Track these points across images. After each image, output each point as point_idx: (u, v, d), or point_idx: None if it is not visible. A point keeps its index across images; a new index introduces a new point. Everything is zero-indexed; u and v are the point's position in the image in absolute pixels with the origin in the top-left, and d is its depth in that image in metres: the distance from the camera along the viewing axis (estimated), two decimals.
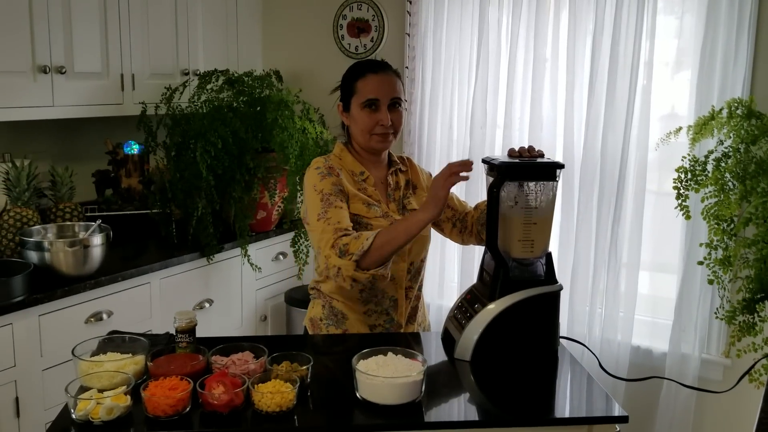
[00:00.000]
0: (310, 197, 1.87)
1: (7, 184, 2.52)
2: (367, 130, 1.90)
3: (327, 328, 1.98)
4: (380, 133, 1.89)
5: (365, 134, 1.91)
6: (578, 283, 2.77)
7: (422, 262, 2.01)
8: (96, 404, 1.37)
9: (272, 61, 3.57)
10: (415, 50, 3.15)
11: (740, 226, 1.83)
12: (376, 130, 1.89)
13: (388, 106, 1.88)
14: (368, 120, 1.89)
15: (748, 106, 2.02)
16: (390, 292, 1.93)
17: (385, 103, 1.88)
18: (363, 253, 1.70)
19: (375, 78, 1.89)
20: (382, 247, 1.71)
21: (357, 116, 1.91)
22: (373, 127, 1.89)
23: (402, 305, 1.96)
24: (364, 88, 1.89)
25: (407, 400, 1.45)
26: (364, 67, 1.93)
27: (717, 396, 2.34)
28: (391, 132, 1.91)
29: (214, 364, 1.55)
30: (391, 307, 1.95)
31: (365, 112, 1.89)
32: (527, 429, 1.48)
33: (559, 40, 2.76)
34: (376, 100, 1.88)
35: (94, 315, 2.43)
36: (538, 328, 1.76)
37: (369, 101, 1.88)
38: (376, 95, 1.87)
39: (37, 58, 2.51)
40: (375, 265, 1.72)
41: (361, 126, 1.90)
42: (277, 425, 1.40)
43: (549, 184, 1.73)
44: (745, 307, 1.81)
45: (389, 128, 1.89)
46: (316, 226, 1.82)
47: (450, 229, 2.06)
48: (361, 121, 1.90)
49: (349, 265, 1.71)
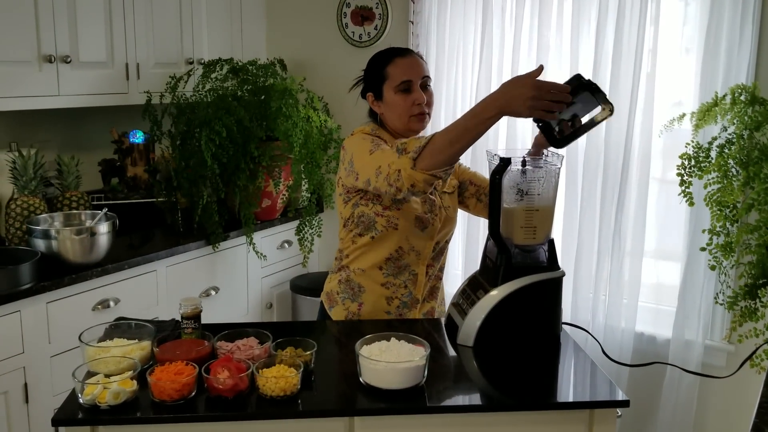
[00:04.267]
0: (358, 145, 1.85)
1: (14, 173, 2.54)
2: (405, 113, 1.92)
3: (343, 302, 2.02)
4: (417, 113, 1.92)
5: (404, 117, 1.93)
6: (582, 270, 2.77)
7: (447, 243, 2.06)
8: (103, 389, 1.39)
9: (276, 49, 3.57)
10: (419, 38, 3.14)
11: (743, 212, 1.83)
12: (414, 111, 1.92)
13: (421, 86, 1.92)
14: (404, 102, 1.92)
15: (751, 92, 2.02)
16: (413, 265, 1.98)
17: (417, 83, 1.92)
18: (420, 150, 1.64)
19: (404, 61, 1.93)
20: (443, 143, 1.61)
21: (392, 101, 1.93)
22: (410, 107, 1.92)
23: (421, 281, 2.00)
24: (395, 71, 1.92)
25: (410, 385, 1.47)
26: (391, 53, 1.97)
27: (720, 381, 2.35)
28: (427, 112, 1.95)
29: (219, 350, 1.57)
30: (410, 281, 1.99)
31: (400, 96, 1.92)
32: (529, 413, 1.49)
33: (563, 26, 2.76)
34: (410, 81, 1.91)
35: (101, 302, 2.45)
36: (541, 314, 1.77)
37: (403, 83, 1.91)
38: (409, 76, 1.91)
39: (43, 47, 2.52)
40: (434, 167, 1.63)
41: (399, 110, 1.92)
42: (281, 409, 1.42)
43: (552, 171, 1.74)
44: (747, 292, 1.81)
45: (426, 107, 1.93)
46: (368, 160, 1.78)
47: (474, 204, 2.10)
48: (397, 105, 1.92)
49: (406, 162, 1.65)
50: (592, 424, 1.49)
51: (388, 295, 2.00)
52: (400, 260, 1.97)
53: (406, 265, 1.98)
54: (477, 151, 2.96)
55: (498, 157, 1.72)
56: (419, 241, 1.96)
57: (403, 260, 1.97)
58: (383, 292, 1.99)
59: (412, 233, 1.95)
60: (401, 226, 1.93)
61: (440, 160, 1.62)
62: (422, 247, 1.98)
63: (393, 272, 1.98)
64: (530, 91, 1.50)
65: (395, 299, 2.00)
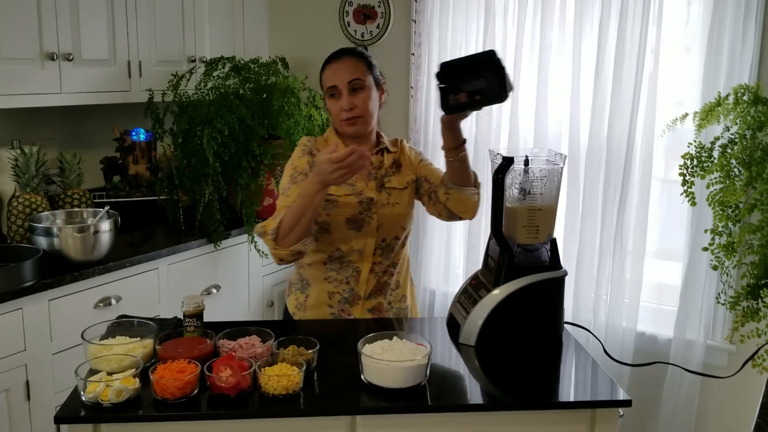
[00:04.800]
0: (285, 171, 2.01)
1: (16, 170, 2.54)
2: (336, 118, 1.98)
3: (295, 293, 2.09)
4: (345, 118, 1.95)
5: (337, 121, 1.99)
6: (583, 269, 2.77)
7: (396, 240, 2.03)
8: (105, 387, 1.39)
9: (278, 48, 3.57)
10: (421, 37, 3.14)
11: (745, 212, 1.83)
12: (342, 116, 1.95)
13: (349, 91, 1.93)
14: (333, 108, 1.97)
15: (754, 92, 2.01)
16: (356, 262, 1.99)
17: (344, 87, 1.93)
18: (275, 231, 1.82)
19: (331, 67, 1.97)
20: (289, 223, 1.80)
21: (328, 106, 2.00)
22: (339, 113, 1.95)
23: (364, 277, 2.00)
24: (325, 77, 1.97)
25: (412, 384, 1.47)
26: (328, 58, 2.01)
27: (721, 381, 2.36)
28: (357, 116, 1.94)
29: (221, 348, 1.57)
30: (353, 277, 2.00)
31: (330, 101, 1.97)
32: (532, 413, 1.49)
33: (565, 26, 2.75)
34: (335, 87, 1.94)
35: (103, 300, 2.45)
36: (543, 314, 1.77)
37: (329, 89, 1.96)
38: (333, 82, 1.94)
39: (45, 45, 2.52)
40: (292, 243, 1.81)
41: (333, 115, 1.99)
42: (283, 408, 1.42)
43: (554, 170, 1.74)
44: (749, 292, 1.81)
45: (351, 112, 1.93)
46: (278, 200, 1.96)
47: (427, 201, 2.08)
48: (330, 110, 2.00)
49: (269, 242, 1.84)
50: (594, 423, 1.49)
51: (330, 290, 2.02)
52: (343, 258, 1.99)
53: (350, 261, 1.99)
54: (479, 149, 2.96)
55: (501, 156, 1.72)
56: (357, 240, 1.97)
57: (346, 258, 1.99)
58: (326, 286, 2.02)
59: (347, 234, 1.96)
60: (332, 229, 1.96)
61: (294, 237, 1.81)
62: (362, 245, 1.97)
63: (336, 268, 2.00)
64: (329, 167, 1.70)
65: (336, 294, 2.01)
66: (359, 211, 1.96)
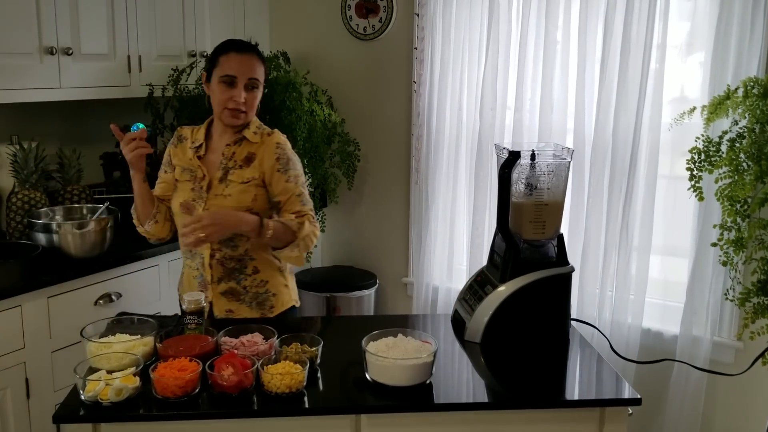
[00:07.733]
0: None
1: (15, 166, 2.52)
2: (220, 104, 1.98)
3: (180, 279, 2.19)
4: (232, 108, 1.97)
5: (219, 107, 2.00)
6: (588, 265, 2.75)
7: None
8: (105, 385, 1.37)
9: (280, 42, 3.54)
10: (424, 31, 3.11)
11: (755, 207, 1.80)
12: (229, 105, 1.97)
13: (245, 86, 1.97)
14: (222, 95, 1.97)
15: (764, 85, 1.98)
16: (201, 250, 2.04)
17: (242, 81, 1.96)
18: (133, 211, 2.10)
19: (237, 57, 1.98)
20: (135, 204, 2.07)
21: (214, 88, 2.00)
22: (227, 102, 1.97)
23: (206, 264, 2.04)
24: (225, 63, 1.98)
25: (417, 382, 1.45)
26: (231, 45, 2.02)
27: (728, 378, 2.33)
28: (244, 111, 1.99)
29: (223, 346, 1.54)
30: (200, 263, 2.06)
31: (221, 86, 1.97)
32: (539, 411, 1.47)
33: (570, 21, 2.72)
34: (234, 77, 1.96)
35: (103, 297, 2.43)
36: (549, 310, 1.75)
37: (227, 76, 1.96)
38: (235, 73, 1.96)
39: (44, 39, 2.49)
40: (139, 223, 2.11)
41: (217, 99, 1.99)
42: (286, 406, 1.40)
43: (561, 165, 1.71)
44: (759, 288, 1.78)
45: (242, 106, 1.97)
46: None
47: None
48: (216, 95, 1.99)
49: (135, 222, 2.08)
50: (603, 422, 1.47)
51: (191, 275, 2.09)
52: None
53: (197, 250, 2.03)
54: (483, 144, 2.94)
55: (507, 150, 1.70)
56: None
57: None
58: (189, 272, 2.11)
59: (183, 219, 1.99)
60: (173, 210, 2.08)
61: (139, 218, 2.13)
62: None
63: (187, 255, 2.09)
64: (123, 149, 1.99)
65: (194, 279, 2.08)
66: (192, 198, 2.02)
